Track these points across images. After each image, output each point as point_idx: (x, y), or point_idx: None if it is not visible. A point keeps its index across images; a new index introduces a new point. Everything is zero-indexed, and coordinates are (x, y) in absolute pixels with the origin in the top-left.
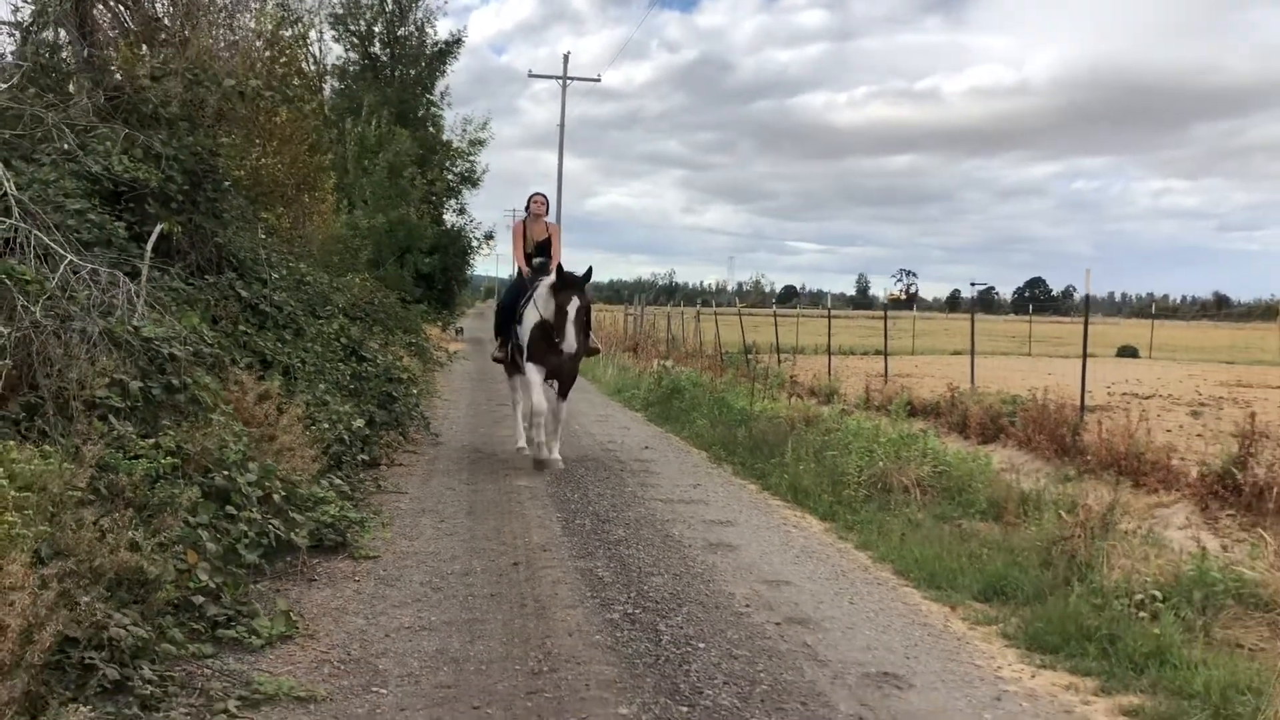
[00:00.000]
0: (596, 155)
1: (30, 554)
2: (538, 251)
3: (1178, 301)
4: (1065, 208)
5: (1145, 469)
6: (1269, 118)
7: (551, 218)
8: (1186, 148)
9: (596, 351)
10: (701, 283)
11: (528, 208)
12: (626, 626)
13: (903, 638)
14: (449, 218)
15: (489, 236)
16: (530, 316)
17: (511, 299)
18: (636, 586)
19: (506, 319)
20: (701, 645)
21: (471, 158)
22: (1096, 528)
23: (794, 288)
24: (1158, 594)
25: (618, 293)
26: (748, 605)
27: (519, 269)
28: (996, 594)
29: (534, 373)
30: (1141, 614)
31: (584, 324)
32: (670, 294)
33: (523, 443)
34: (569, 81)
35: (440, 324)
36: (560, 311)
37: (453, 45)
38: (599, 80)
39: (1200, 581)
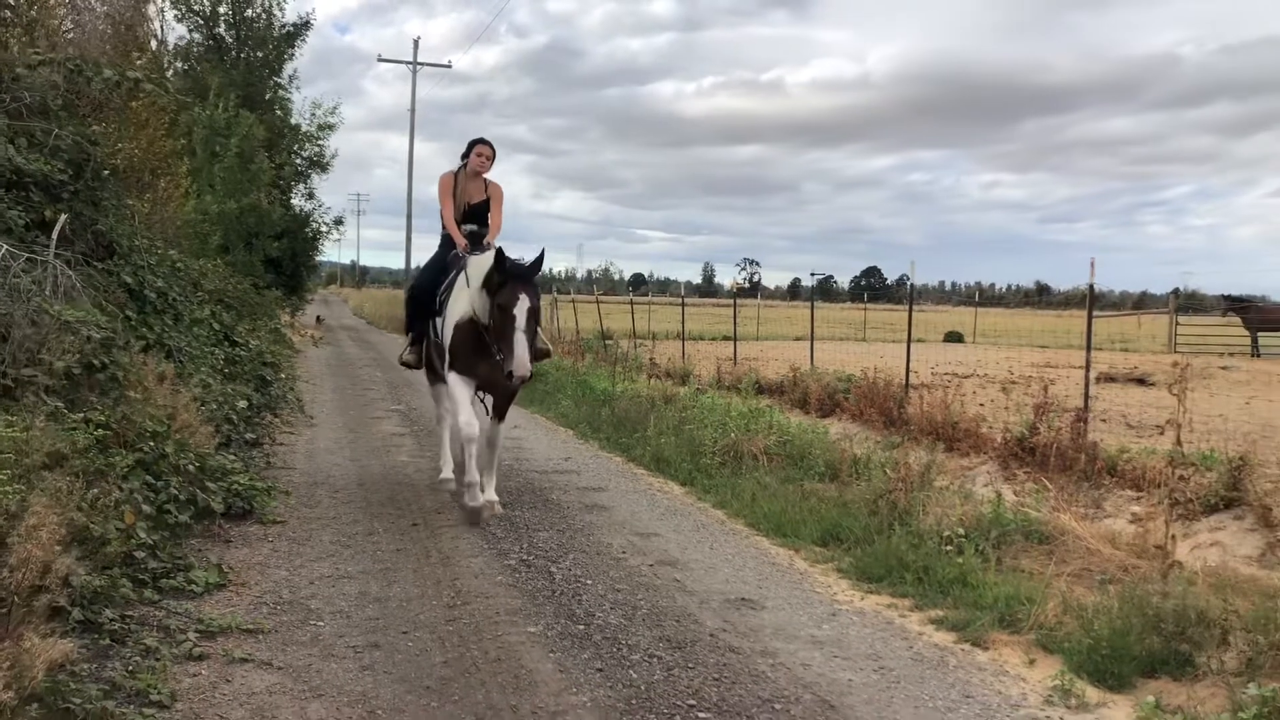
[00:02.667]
0: (444, 139)
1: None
2: (470, 217)
3: (1002, 290)
4: (901, 199)
5: (959, 436)
6: (1089, 115)
7: (495, 175)
8: (1014, 142)
9: (547, 354)
10: (551, 270)
11: (465, 156)
12: (523, 570)
13: (755, 574)
14: (297, 202)
15: (339, 222)
16: (457, 308)
17: (430, 280)
18: (527, 539)
19: (422, 308)
20: (589, 582)
21: (321, 142)
22: (916, 483)
23: (642, 275)
24: (962, 533)
25: None
26: (624, 552)
27: (444, 238)
28: (833, 539)
29: (460, 387)
30: (949, 549)
31: (534, 331)
32: None
33: (447, 471)
34: (419, 67)
35: (290, 310)
36: (504, 315)
37: (301, 28)
38: (450, 66)
39: (996, 522)
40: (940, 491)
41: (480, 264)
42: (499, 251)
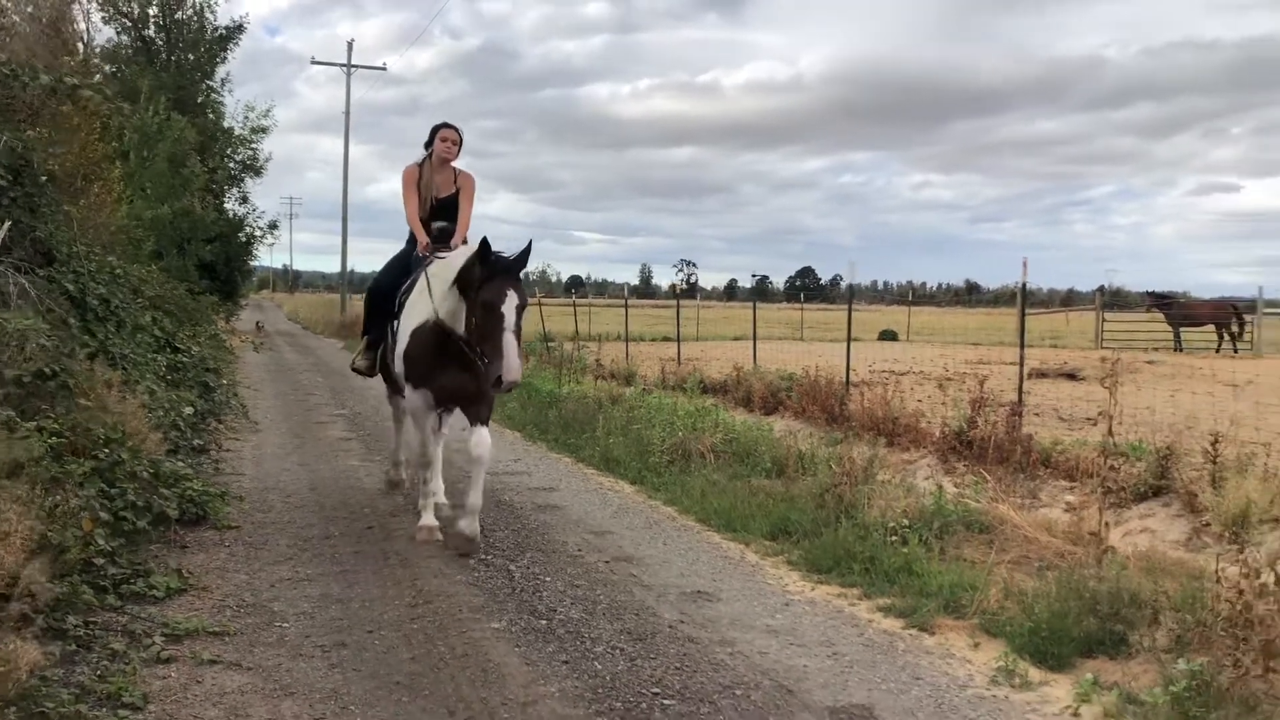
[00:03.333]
0: (377, 141)
1: None
2: (439, 213)
3: (934, 288)
4: (834, 200)
5: (899, 431)
6: (1016, 117)
7: (463, 163)
8: (944, 144)
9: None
10: None
11: (430, 144)
12: (482, 569)
13: (709, 567)
14: (231, 207)
15: (273, 226)
16: (416, 311)
17: (391, 280)
18: (483, 539)
19: (380, 310)
20: (548, 579)
21: (254, 145)
22: (859, 477)
23: (580, 277)
24: (906, 524)
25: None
26: (580, 549)
27: (411, 235)
28: (782, 533)
29: (418, 402)
30: (894, 540)
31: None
32: None
33: (403, 473)
34: (354, 69)
35: (225, 316)
36: (490, 314)
37: (234, 31)
38: (385, 69)
39: (937, 513)
40: (883, 485)
41: (446, 266)
42: (484, 243)
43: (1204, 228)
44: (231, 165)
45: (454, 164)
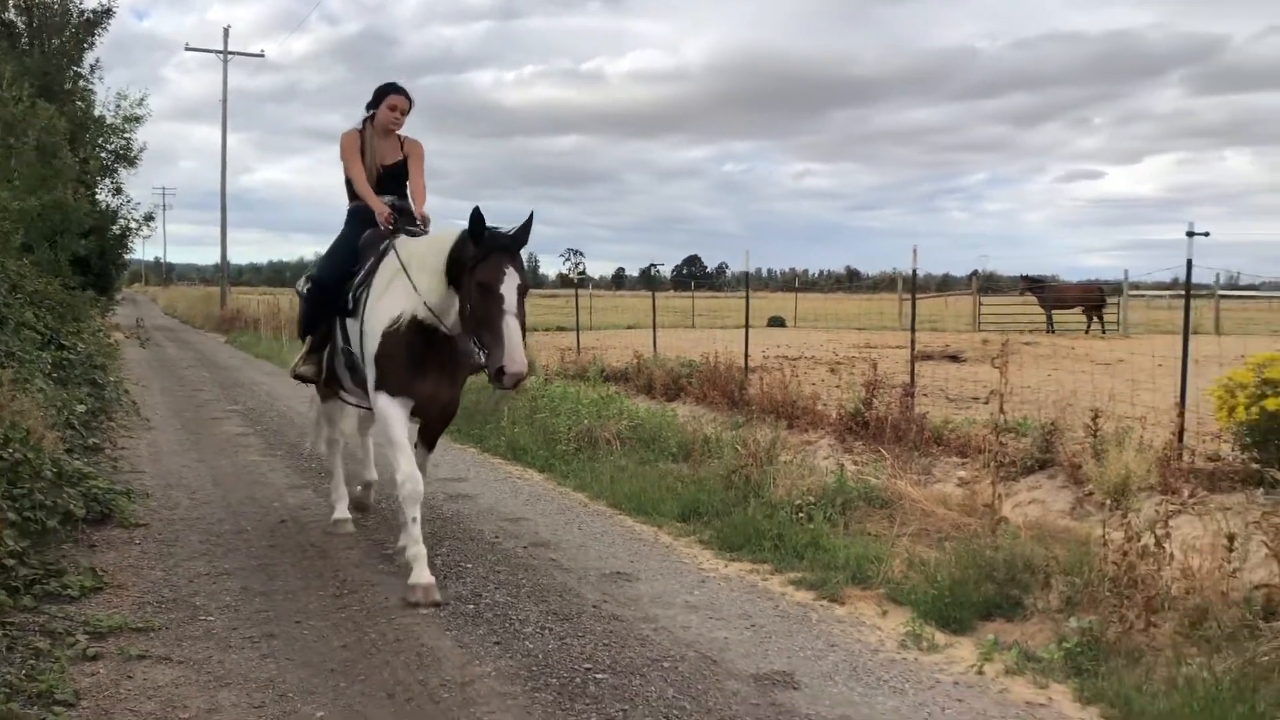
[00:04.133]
0: (252, 129)
1: None
2: (384, 185)
3: (816, 275)
4: (718, 189)
5: (798, 413)
6: (892, 107)
7: (409, 129)
8: (824, 133)
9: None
10: None
11: (373, 108)
12: (403, 559)
13: (625, 550)
14: (104, 198)
15: (149, 218)
16: (388, 305)
17: (337, 270)
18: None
19: (325, 306)
20: (469, 565)
21: (127, 135)
22: (764, 459)
23: None
24: (812, 501)
25: (279, 274)
26: (497, 537)
27: (353, 209)
28: (692, 514)
29: (397, 414)
30: (800, 517)
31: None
32: None
33: (342, 510)
34: (230, 56)
35: (101, 311)
36: (487, 296)
37: (102, 15)
38: (263, 55)
39: (840, 491)
40: (787, 465)
41: (422, 247)
42: (476, 214)
43: (1071, 213)
44: (104, 155)
45: (398, 132)
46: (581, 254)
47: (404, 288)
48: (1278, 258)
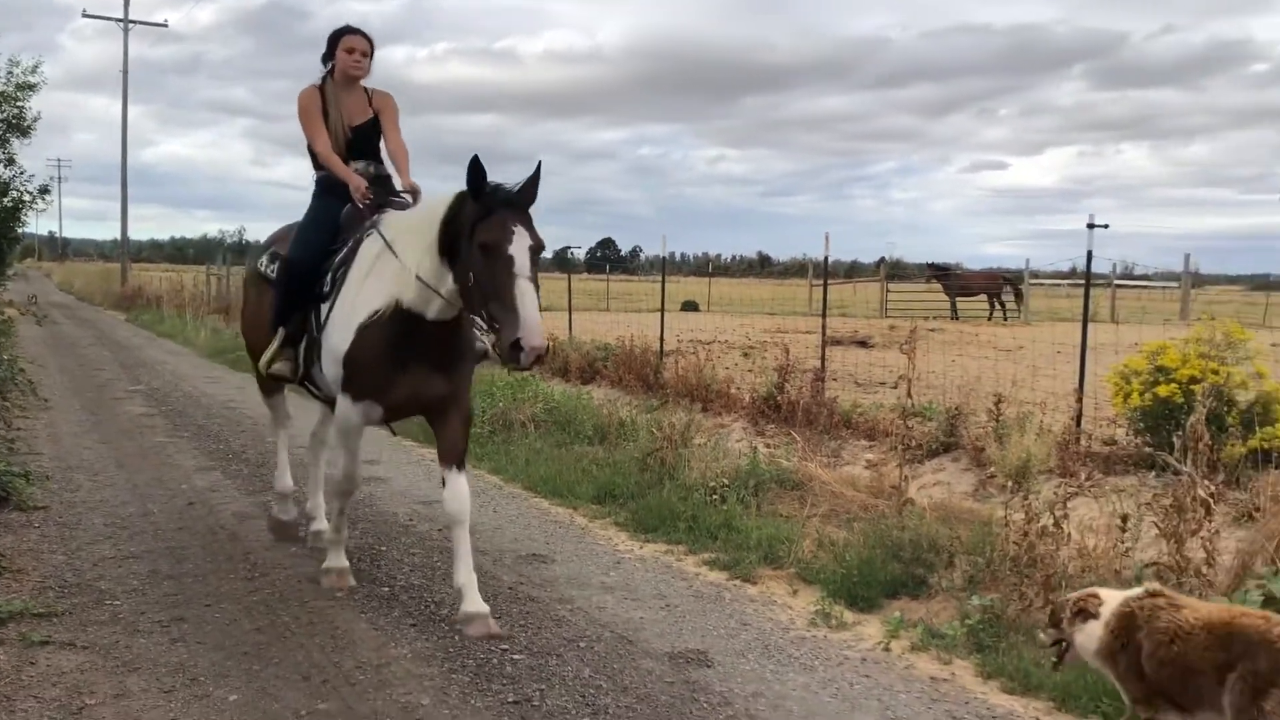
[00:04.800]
0: (152, 102)
1: None
2: (354, 149)
3: (729, 261)
4: (633, 172)
5: (712, 397)
6: (805, 94)
7: (376, 80)
8: (737, 119)
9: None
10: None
11: (329, 58)
12: (315, 541)
13: (541, 532)
14: None
15: (44, 191)
16: (367, 298)
17: (314, 251)
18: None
19: (300, 292)
20: (384, 549)
21: (20, 103)
22: (679, 442)
23: None
24: (725, 483)
25: (181, 251)
26: (411, 520)
27: (321, 179)
28: (608, 496)
29: (353, 419)
30: (714, 498)
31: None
32: (241, 252)
33: (322, 520)
34: (131, 25)
35: None
36: (493, 259)
37: None
38: (166, 25)
39: (752, 473)
40: (701, 448)
41: (410, 218)
42: (475, 164)
43: (976, 203)
44: None
45: (363, 84)
46: None
47: (390, 271)
48: (1172, 249)
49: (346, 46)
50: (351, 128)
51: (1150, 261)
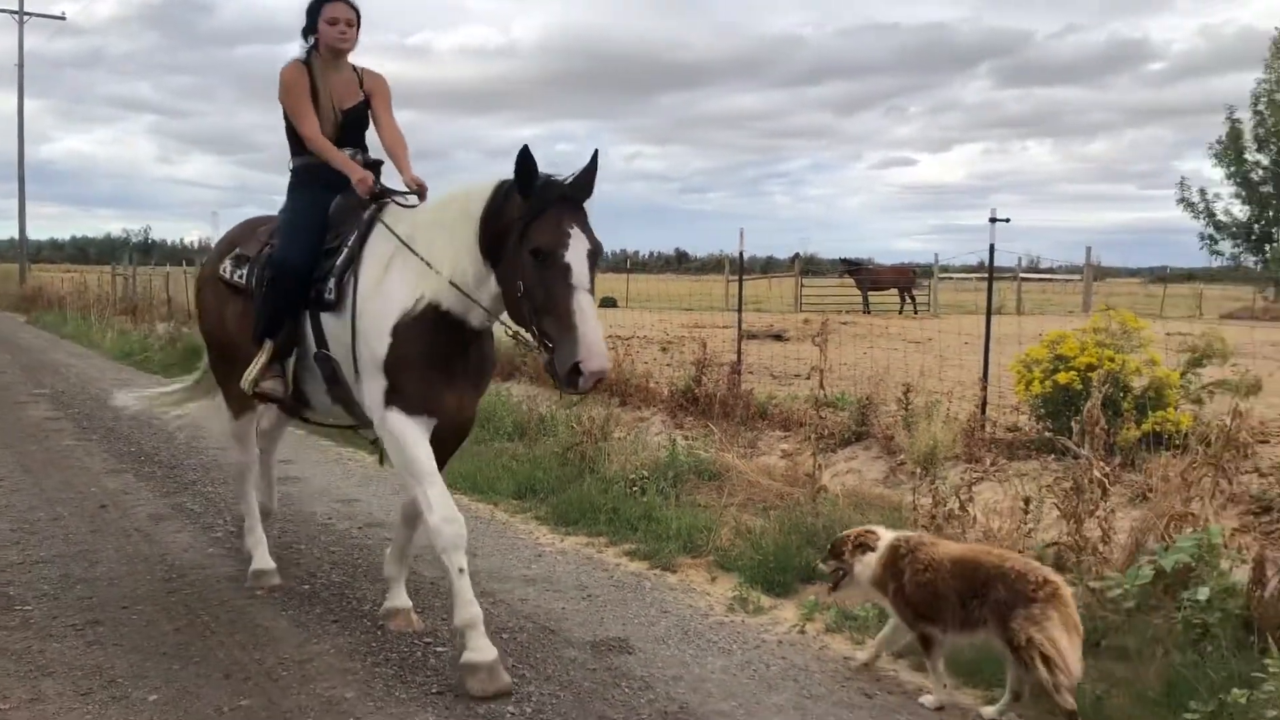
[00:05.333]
0: (50, 96)
1: None
2: (345, 134)
3: (647, 257)
4: (550, 168)
5: (631, 391)
6: (721, 91)
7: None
8: (654, 116)
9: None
10: (183, 240)
11: (310, 32)
12: (231, 541)
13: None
14: None
15: None
16: (394, 295)
17: (306, 251)
18: (229, 512)
19: (291, 297)
20: (303, 547)
21: None
22: (598, 436)
23: None
24: (645, 475)
25: (83, 251)
26: (330, 518)
27: (301, 168)
28: (528, 491)
29: (414, 434)
30: (634, 490)
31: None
32: (147, 252)
33: (262, 558)
34: (26, 17)
35: None
36: (548, 267)
37: None
38: (64, 18)
39: (671, 465)
40: (620, 441)
41: (435, 212)
42: (524, 154)
43: (887, 199)
44: None
45: (351, 59)
46: None
47: (413, 268)
48: (1075, 243)
49: (329, 17)
50: (342, 111)
51: (1054, 255)
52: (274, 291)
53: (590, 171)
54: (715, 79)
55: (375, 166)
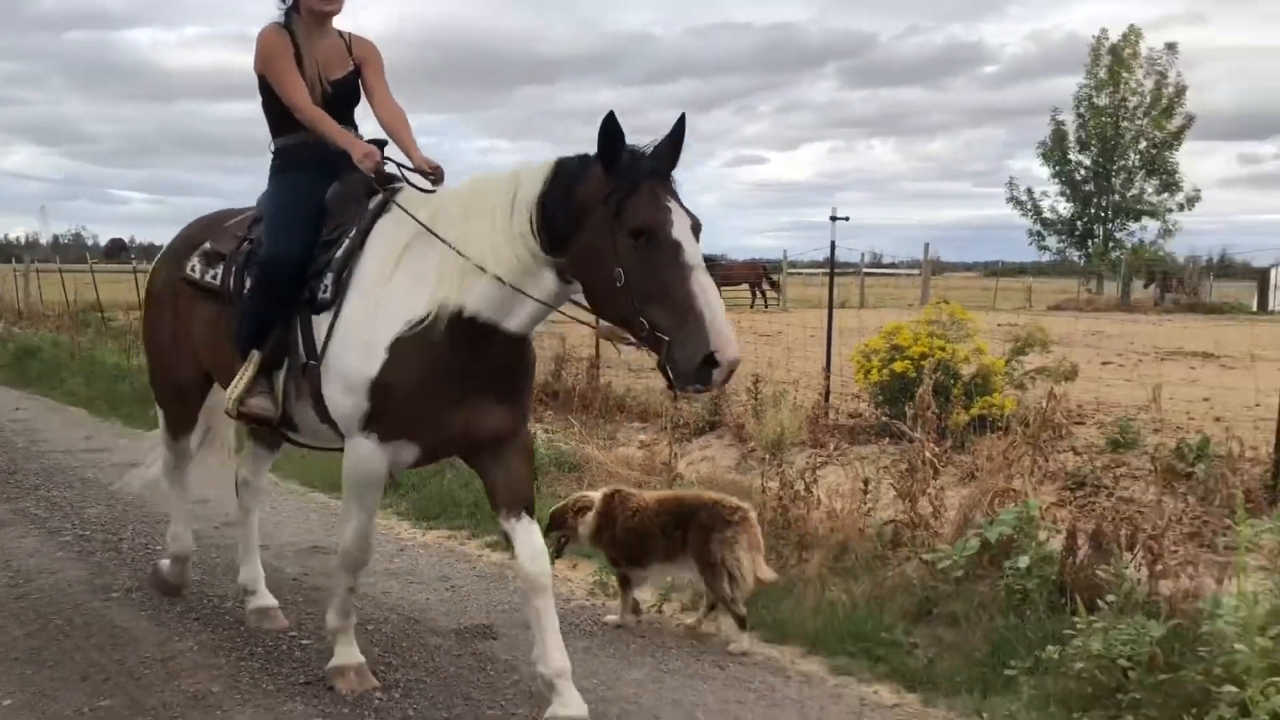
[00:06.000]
0: None
1: None
2: (333, 108)
3: None
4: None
5: None
6: (577, 86)
7: (351, 23)
8: (510, 109)
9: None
10: (7, 235)
11: None
12: (81, 544)
13: (320, 524)
14: None
15: None
16: (400, 299)
17: (296, 247)
18: (76, 517)
19: (285, 298)
20: (158, 548)
21: None
22: None
23: (123, 241)
24: None
25: None
26: None
27: (286, 148)
28: (388, 487)
29: (377, 467)
30: None
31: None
32: None
33: (265, 597)
34: None
35: None
36: (656, 249)
37: None
38: None
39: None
40: None
41: (466, 201)
42: (610, 122)
43: (738, 196)
44: None
45: (334, 27)
46: None
47: (432, 266)
48: (916, 239)
49: None
50: (331, 82)
51: (896, 251)
52: (263, 293)
53: (677, 140)
54: (572, 74)
55: (379, 146)
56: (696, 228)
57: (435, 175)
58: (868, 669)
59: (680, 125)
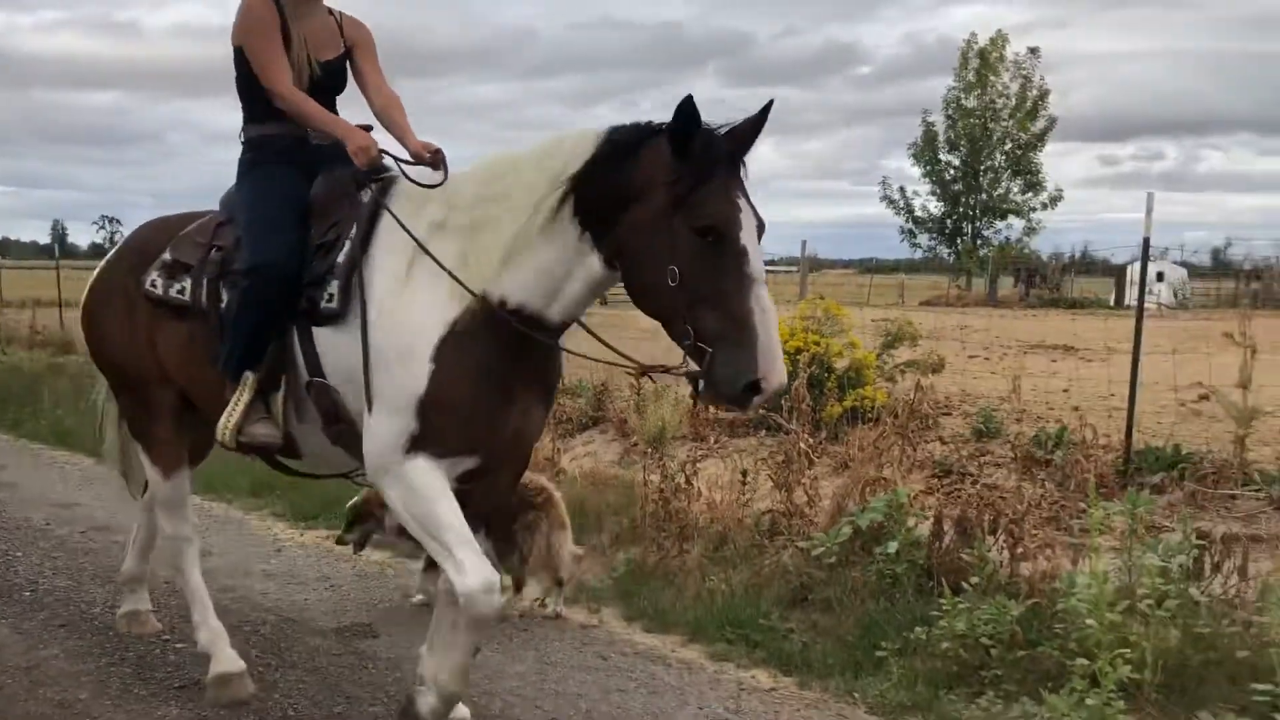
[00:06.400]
0: None
1: None
2: (320, 91)
3: None
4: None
5: None
6: (463, 80)
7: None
8: None
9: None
10: None
11: None
12: None
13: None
14: None
15: None
16: (428, 302)
17: (286, 253)
18: None
19: (271, 312)
20: (20, 554)
21: None
22: None
23: None
24: None
25: None
26: (49, 523)
27: (259, 139)
28: (264, 488)
29: (437, 484)
30: None
31: None
32: None
33: (227, 659)
34: None
35: None
36: (723, 251)
37: None
38: None
39: None
40: None
41: (462, 191)
42: (689, 105)
43: None
44: None
45: (324, 3)
46: (119, 222)
47: (450, 260)
48: (796, 236)
49: None
50: (320, 63)
51: (778, 249)
52: (251, 307)
53: (759, 123)
54: (457, 68)
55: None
56: (761, 229)
57: (435, 158)
58: (745, 654)
59: (766, 110)
